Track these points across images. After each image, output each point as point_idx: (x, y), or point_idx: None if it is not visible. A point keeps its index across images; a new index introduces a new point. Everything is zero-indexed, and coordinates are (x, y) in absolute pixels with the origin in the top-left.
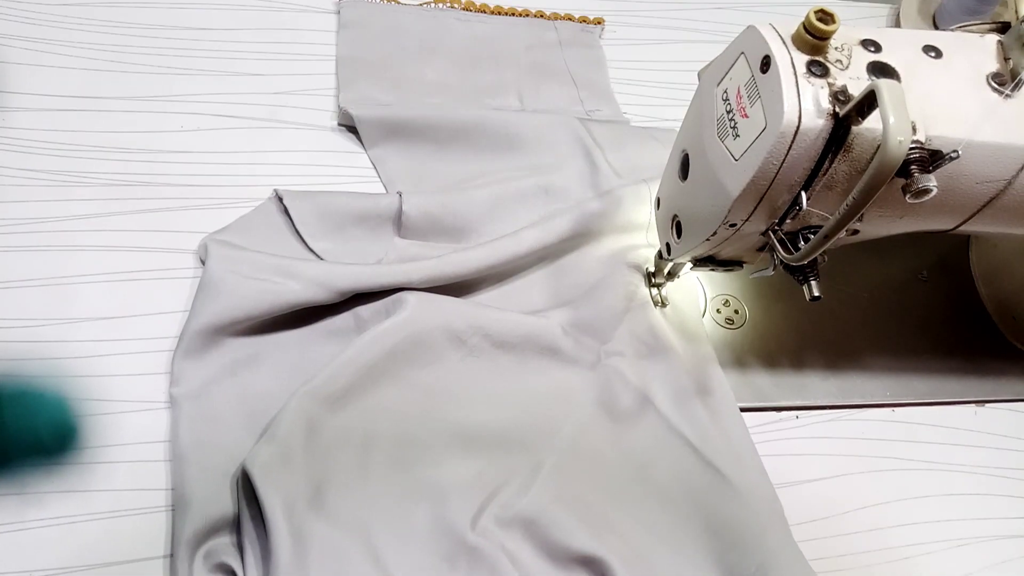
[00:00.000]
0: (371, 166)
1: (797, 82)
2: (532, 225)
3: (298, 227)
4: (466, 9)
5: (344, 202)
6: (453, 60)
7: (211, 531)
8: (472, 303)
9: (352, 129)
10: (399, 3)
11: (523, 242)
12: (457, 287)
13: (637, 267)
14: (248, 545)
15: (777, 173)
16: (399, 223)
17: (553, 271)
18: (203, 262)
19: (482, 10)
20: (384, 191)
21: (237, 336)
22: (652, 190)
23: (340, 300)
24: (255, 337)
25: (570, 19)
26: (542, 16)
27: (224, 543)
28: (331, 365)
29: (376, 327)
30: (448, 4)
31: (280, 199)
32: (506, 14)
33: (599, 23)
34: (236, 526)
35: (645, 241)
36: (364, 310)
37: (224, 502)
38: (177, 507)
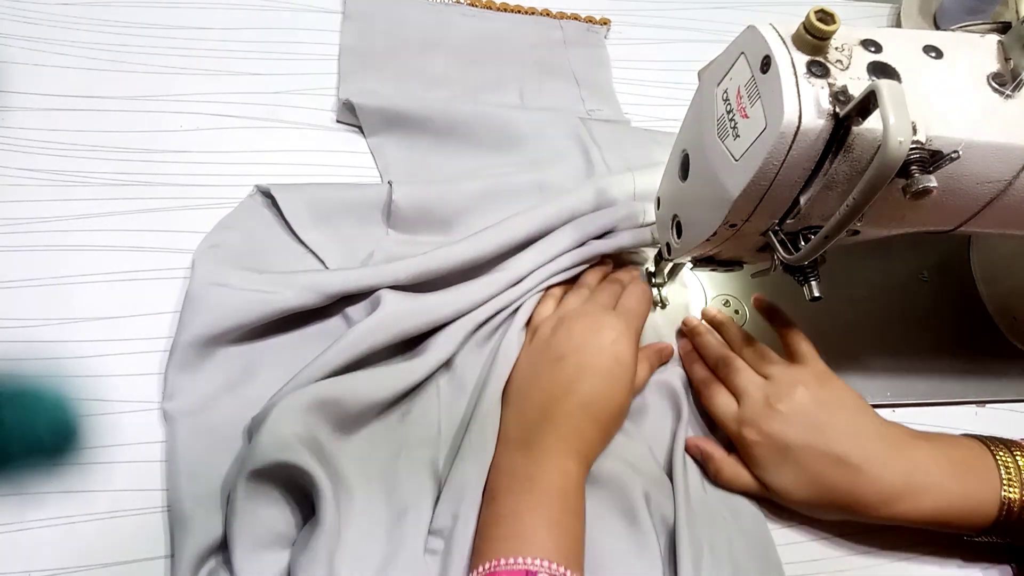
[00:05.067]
0: (371, 165)
1: (797, 82)
2: (517, 215)
3: (288, 219)
4: (472, 5)
5: (333, 193)
6: (456, 55)
7: (214, 548)
8: (455, 296)
9: (351, 128)
10: None
11: (505, 232)
12: (445, 280)
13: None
14: (240, 553)
15: (777, 173)
16: (388, 213)
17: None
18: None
19: (488, 6)
20: (380, 181)
21: (229, 345)
22: (636, 180)
23: (329, 303)
24: (247, 345)
25: (576, 19)
26: (548, 14)
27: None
28: (311, 365)
29: (355, 327)
30: (454, 0)
31: (265, 193)
32: (512, 11)
33: (605, 23)
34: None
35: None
36: (352, 310)
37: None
38: (176, 525)
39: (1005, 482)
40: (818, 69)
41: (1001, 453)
